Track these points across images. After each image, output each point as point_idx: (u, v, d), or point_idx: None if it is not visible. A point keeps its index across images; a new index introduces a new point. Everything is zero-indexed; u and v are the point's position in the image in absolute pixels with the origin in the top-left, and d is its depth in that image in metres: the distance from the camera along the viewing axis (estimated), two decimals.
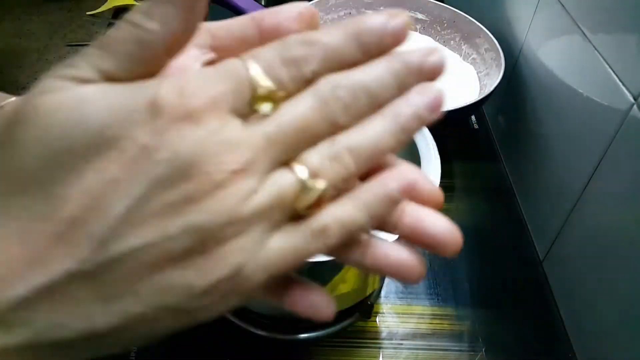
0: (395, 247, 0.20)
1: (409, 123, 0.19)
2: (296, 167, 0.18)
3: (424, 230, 0.20)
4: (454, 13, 0.73)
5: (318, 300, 0.21)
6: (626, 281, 0.41)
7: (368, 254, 0.20)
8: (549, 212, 0.55)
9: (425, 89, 0.19)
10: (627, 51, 0.42)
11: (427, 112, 0.19)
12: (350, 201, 0.19)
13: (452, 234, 0.20)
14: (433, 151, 0.42)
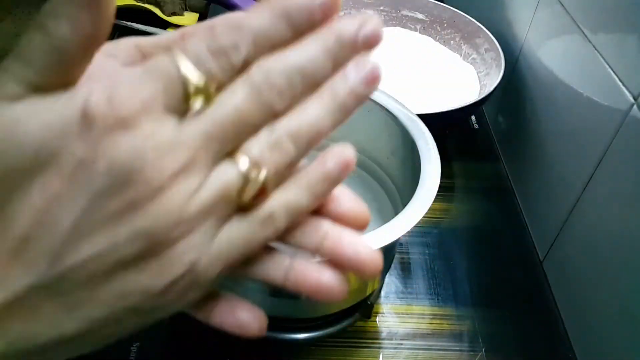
0: (315, 268, 0.20)
1: (347, 100, 0.19)
2: (238, 158, 0.18)
3: (344, 254, 0.20)
4: (454, 13, 0.73)
5: (245, 316, 0.21)
6: (626, 281, 0.41)
7: (290, 275, 0.20)
8: (549, 212, 0.55)
9: (361, 63, 0.19)
10: (627, 51, 0.42)
11: (363, 87, 0.19)
12: (294, 185, 0.19)
13: (370, 258, 0.20)
14: (433, 151, 0.42)
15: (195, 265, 0.17)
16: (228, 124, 0.17)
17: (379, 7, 0.77)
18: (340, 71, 0.19)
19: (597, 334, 0.45)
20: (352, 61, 0.19)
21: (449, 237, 0.58)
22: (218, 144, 0.17)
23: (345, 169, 0.20)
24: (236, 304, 0.21)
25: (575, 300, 0.49)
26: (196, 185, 0.17)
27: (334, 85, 0.19)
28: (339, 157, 0.19)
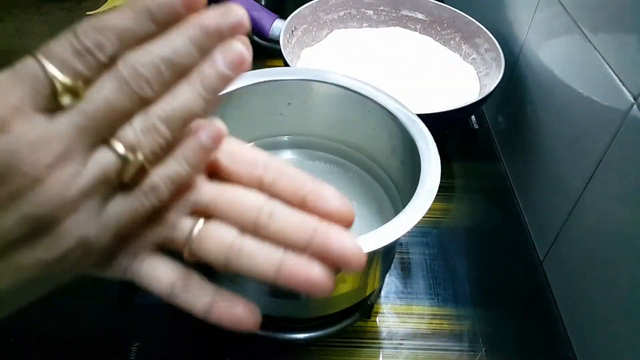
0: (305, 263, 0.22)
1: (215, 83, 0.21)
2: (114, 144, 0.20)
3: (332, 249, 0.22)
4: (454, 13, 0.73)
5: (241, 311, 0.23)
6: (626, 281, 0.41)
7: (281, 271, 0.22)
8: (549, 212, 0.55)
9: (227, 48, 0.21)
10: (627, 51, 0.42)
11: (230, 69, 0.21)
12: (172, 159, 0.21)
13: (356, 253, 0.22)
14: (433, 151, 0.42)
15: (85, 237, 0.20)
16: (99, 115, 0.19)
17: (379, 7, 0.77)
18: (209, 56, 0.21)
19: (597, 334, 0.45)
20: (220, 46, 0.21)
21: (449, 237, 0.58)
22: (91, 133, 0.19)
23: (217, 140, 0.22)
24: (233, 300, 0.23)
25: (575, 300, 0.49)
26: (74, 171, 0.19)
27: (203, 69, 0.20)
28: (211, 129, 0.22)
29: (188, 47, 0.20)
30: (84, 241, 0.20)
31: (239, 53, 0.21)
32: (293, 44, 0.70)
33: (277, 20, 0.78)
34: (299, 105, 0.52)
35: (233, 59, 0.21)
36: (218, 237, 0.23)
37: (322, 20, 0.75)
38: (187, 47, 0.20)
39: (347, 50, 0.73)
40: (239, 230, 0.23)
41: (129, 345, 0.45)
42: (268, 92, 0.50)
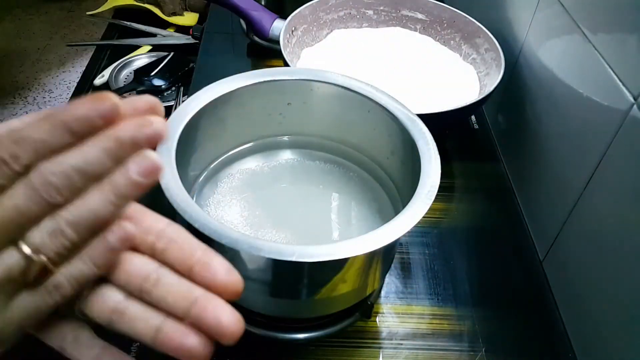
0: (181, 331, 0.23)
1: (126, 190, 0.22)
2: (20, 246, 0.21)
3: (206, 321, 0.23)
4: (454, 13, 0.73)
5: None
6: (626, 281, 0.41)
7: (158, 335, 0.23)
8: (549, 212, 0.55)
9: (140, 158, 0.22)
10: (627, 51, 0.42)
11: (142, 178, 0.22)
12: (78, 259, 0.22)
13: (231, 327, 0.23)
14: (433, 151, 0.42)
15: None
16: (7, 221, 0.20)
17: (379, 7, 0.77)
18: (122, 164, 0.22)
19: (597, 334, 0.45)
20: (134, 156, 0.22)
21: (449, 237, 0.58)
22: (1, 236, 0.20)
23: (124, 241, 0.23)
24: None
25: (575, 300, 0.49)
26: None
27: (115, 177, 0.22)
28: (119, 231, 0.23)
29: (101, 157, 0.21)
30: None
31: (152, 162, 0.22)
32: (293, 44, 0.70)
33: (277, 20, 0.78)
34: (299, 105, 0.52)
35: (145, 168, 0.22)
36: (103, 299, 0.24)
37: (322, 20, 0.75)
38: (101, 157, 0.21)
39: (347, 50, 0.73)
40: (126, 294, 0.24)
41: (129, 345, 0.45)
42: (268, 92, 0.50)
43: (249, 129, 0.53)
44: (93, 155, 0.21)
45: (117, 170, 0.22)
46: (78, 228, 0.21)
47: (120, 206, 0.22)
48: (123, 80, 0.96)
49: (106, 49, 1.06)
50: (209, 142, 0.50)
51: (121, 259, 0.24)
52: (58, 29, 2.00)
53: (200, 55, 0.82)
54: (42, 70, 1.79)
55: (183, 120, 0.43)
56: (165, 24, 1.15)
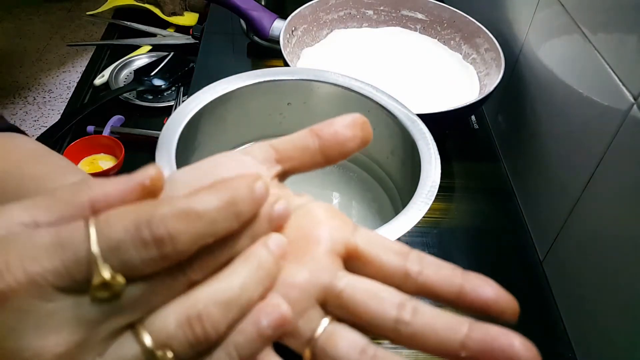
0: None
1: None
2: (141, 333, 0.16)
3: (497, 353, 0.19)
4: (454, 13, 0.73)
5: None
6: (626, 281, 0.41)
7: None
8: (549, 212, 0.55)
9: (269, 309, 0.18)
10: (627, 51, 0.42)
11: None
12: (221, 349, 0.17)
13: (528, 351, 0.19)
14: (433, 151, 0.42)
15: None
16: (136, 303, 0.16)
17: (379, 7, 0.77)
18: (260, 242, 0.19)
19: (597, 334, 0.45)
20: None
21: (449, 237, 0.58)
22: (120, 321, 0.16)
23: (280, 326, 0.18)
24: None
25: (575, 300, 0.49)
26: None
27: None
28: (273, 311, 0.18)
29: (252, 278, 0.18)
30: None
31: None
32: (293, 44, 0.70)
33: (277, 20, 0.78)
34: (299, 105, 0.52)
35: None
36: (349, 339, 0.19)
37: (322, 20, 0.75)
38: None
39: (347, 50, 0.73)
40: (371, 330, 0.20)
41: None
42: (268, 92, 0.50)
43: (249, 129, 0.53)
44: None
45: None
46: (220, 314, 0.17)
47: (267, 286, 0.19)
48: (123, 80, 0.96)
49: (106, 49, 1.06)
50: (209, 142, 0.50)
51: (368, 284, 0.20)
52: (58, 29, 2.00)
53: (200, 55, 0.82)
54: (42, 70, 1.79)
55: (183, 120, 0.43)
56: (165, 24, 1.15)
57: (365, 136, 0.22)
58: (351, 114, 0.22)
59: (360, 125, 0.22)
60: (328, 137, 0.22)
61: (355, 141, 0.22)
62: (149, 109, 0.88)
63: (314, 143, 0.22)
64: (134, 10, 1.20)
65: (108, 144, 0.77)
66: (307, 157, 0.22)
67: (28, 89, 1.72)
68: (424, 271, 0.20)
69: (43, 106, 1.65)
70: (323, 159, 0.22)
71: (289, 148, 0.22)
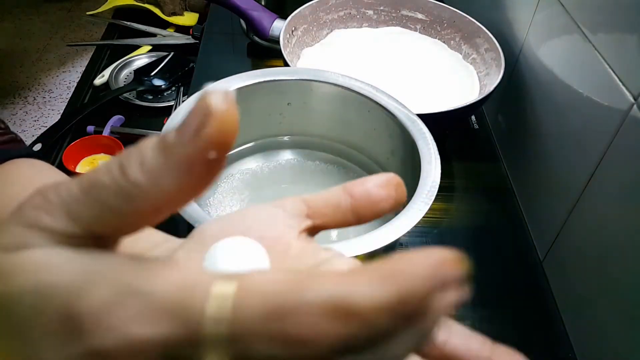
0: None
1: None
2: None
3: None
4: (454, 13, 0.73)
5: None
6: (626, 281, 0.41)
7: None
8: (549, 212, 0.55)
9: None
10: (627, 51, 0.42)
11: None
12: None
13: None
14: (433, 151, 0.42)
15: None
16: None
17: (379, 7, 0.77)
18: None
19: (597, 334, 0.45)
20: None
21: (449, 237, 0.58)
22: None
23: None
24: None
25: (575, 300, 0.49)
26: None
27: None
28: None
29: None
30: None
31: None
32: (293, 44, 0.70)
33: (277, 20, 0.78)
34: (299, 105, 0.52)
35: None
36: None
37: (322, 20, 0.75)
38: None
39: (347, 50, 0.73)
40: None
41: None
42: (268, 92, 0.50)
43: (249, 129, 0.53)
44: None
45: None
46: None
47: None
48: (123, 80, 0.96)
49: (106, 49, 1.06)
50: None
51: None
52: (58, 29, 2.00)
53: (200, 55, 0.82)
54: (42, 70, 1.79)
55: None
56: (165, 24, 1.16)
57: (399, 197, 0.22)
58: (386, 174, 0.22)
59: (394, 186, 0.22)
60: (360, 196, 0.21)
61: (389, 202, 0.22)
62: (149, 109, 0.88)
63: (346, 201, 0.22)
64: (134, 10, 1.20)
65: (108, 144, 0.77)
66: (338, 215, 0.22)
67: (28, 89, 1.72)
68: (451, 340, 0.20)
69: (43, 106, 1.65)
70: (354, 218, 0.22)
71: (321, 205, 0.22)
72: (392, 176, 0.22)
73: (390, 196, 0.21)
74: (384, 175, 0.22)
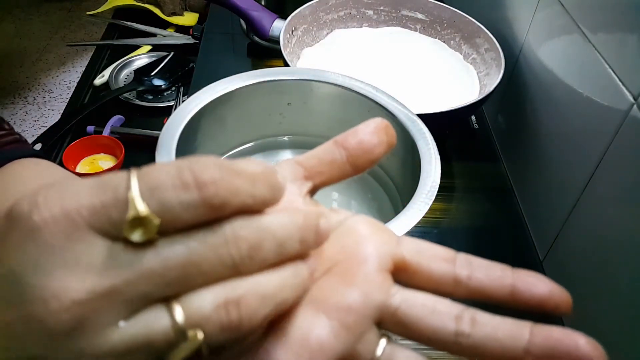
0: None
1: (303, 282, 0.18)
2: (173, 307, 0.15)
3: (564, 352, 0.19)
4: (454, 13, 0.73)
5: None
6: (626, 281, 0.41)
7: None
8: (549, 212, 0.55)
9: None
10: (627, 51, 0.42)
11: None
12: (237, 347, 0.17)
13: (594, 348, 0.19)
14: (433, 151, 0.42)
15: None
16: (176, 266, 0.15)
17: (379, 7, 0.77)
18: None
19: (598, 334, 0.45)
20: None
21: (449, 237, 0.58)
22: (156, 284, 0.15)
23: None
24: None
25: (575, 300, 0.49)
26: (112, 322, 0.15)
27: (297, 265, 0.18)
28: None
29: (294, 229, 0.17)
30: None
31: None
32: (293, 44, 0.70)
33: (277, 20, 0.78)
34: (299, 105, 0.52)
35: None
36: (410, 358, 0.20)
37: (322, 20, 0.75)
38: (293, 229, 0.17)
39: (347, 50, 0.73)
40: (430, 344, 0.20)
41: None
42: (268, 92, 0.50)
43: (249, 129, 0.53)
44: (286, 223, 0.17)
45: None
46: (260, 303, 0.16)
47: (304, 291, 0.18)
48: (123, 80, 0.96)
49: (106, 49, 1.06)
50: (209, 142, 0.50)
51: (423, 298, 0.20)
52: (58, 29, 2.00)
53: (200, 55, 0.82)
54: (42, 70, 1.79)
55: (183, 120, 0.43)
56: (165, 24, 1.16)
57: (390, 140, 0.22)
58: (373, 120, 0.22)
59: (384, 130, 0.22)
60: (354, 147, 0.22)
61: (382, 146, 0.22)
62: (149, 109, 0.88)
63: (340, 155, 0.22)
64: (134, 10, 1.20)
65: (108, 144, 0.77)
66: (335, 170, 0.22)
67: (28, 89, 1.72)
68: (474, 274, 0.20)
69: (43, 106, 1.65)
70: (352, 169, 0.22)
71: (315, 163, 0.22)
72: (379, 120, 0.22)
73: (383, 141, 0.22)
74: (372, 121, 0.22)
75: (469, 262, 0.21)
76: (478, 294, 0.20)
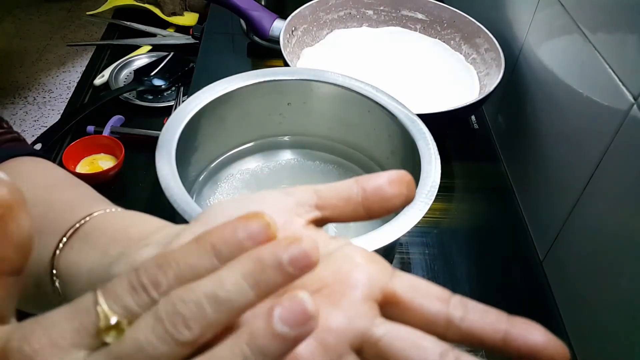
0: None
1: (266, 343, 0.16)
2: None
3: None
4: (454, 13, 0.73)
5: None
6: (626, 281, 0.41)
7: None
8: (549, 212, 0.55)
9: (289, 301, 0.16)
10: (627, 51, 0.42)
11: (289, 329, 0.16)
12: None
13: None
14: (433, 151, 0.42)
15: None
16: (128, 358, 0.17)
17: (379, 7, 0.77)
18: (265, 307, 0.17)
19: (597, 334, 0.45)
20: (283, 298, 0.16)
21: (449, 237, 0.58)
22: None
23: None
24: None
25: (575, 300, 0.49)
26: None
27: (254, 325, 0.16)
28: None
29: (240, 284, 0.17)
30: None
31: (301, 308, 0.16)
32: (293, 44, 0.70)
33: (277, 20, 0.78)
34: (299, 105, 0.52)
35: (294, 317, 0.16)
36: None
37: (322, 20, 0.75)
38: (239, 283, 0.17)
39: (347, 50, 0.73)
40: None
41: None
42: (268, 92, 0.50)
43: (249, 129, 0.53)
44: (230, 281, 0.17)
45: (258, 315, 0.17)
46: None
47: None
48: (123, 80, 0.96)
49: (106, 49, 1.06)
50: (209, 142, 0.50)
51: (408, 333, 0.19)
52: (58, 29, 2.00)
53: (200, 55, 0.82)
54: (42, 70, 1.79)
55: (183, 120, 0.43)
56: (165, 24, 1.15)
57: (409, 194, 0.22)
58: (397, 170, 0.22)
59: (406, 184, 0.22)
60: (372, 191, 0.22)
61: (399, 199, 0.22)
62: (149, 109, 0.88)
63: (357, 195, 0.22)
64: (134, 10, 1.20)
65: (108, 144, 0.77)
66: (349, 208, 0.22)
67: (28, 89, 1.72)
68: (468, 317, 0.20)
69: (43, 106, 1.65)
70: (365, 213, 0.22)
71: (332, 196, 0.22)
72: (403, 173, 0.22)
73: (402, 193, 0.22)
74: (396, 172, 0.22)
75: (463, 304, 0.20)
76: (470, 338, 0.20)
